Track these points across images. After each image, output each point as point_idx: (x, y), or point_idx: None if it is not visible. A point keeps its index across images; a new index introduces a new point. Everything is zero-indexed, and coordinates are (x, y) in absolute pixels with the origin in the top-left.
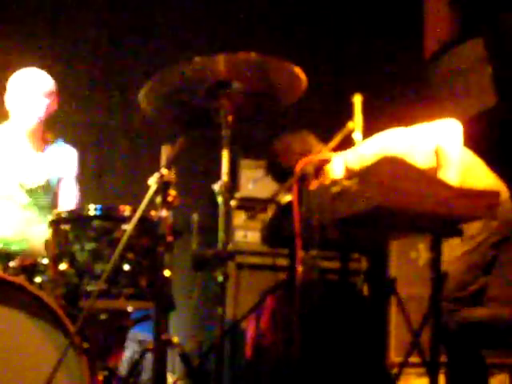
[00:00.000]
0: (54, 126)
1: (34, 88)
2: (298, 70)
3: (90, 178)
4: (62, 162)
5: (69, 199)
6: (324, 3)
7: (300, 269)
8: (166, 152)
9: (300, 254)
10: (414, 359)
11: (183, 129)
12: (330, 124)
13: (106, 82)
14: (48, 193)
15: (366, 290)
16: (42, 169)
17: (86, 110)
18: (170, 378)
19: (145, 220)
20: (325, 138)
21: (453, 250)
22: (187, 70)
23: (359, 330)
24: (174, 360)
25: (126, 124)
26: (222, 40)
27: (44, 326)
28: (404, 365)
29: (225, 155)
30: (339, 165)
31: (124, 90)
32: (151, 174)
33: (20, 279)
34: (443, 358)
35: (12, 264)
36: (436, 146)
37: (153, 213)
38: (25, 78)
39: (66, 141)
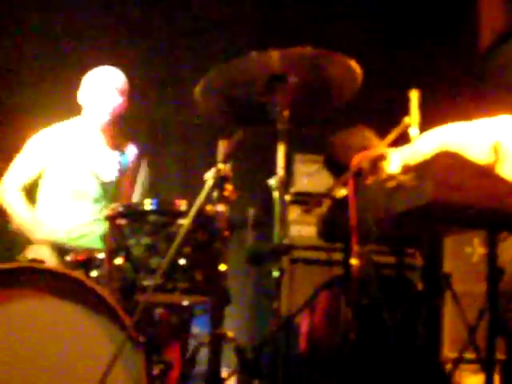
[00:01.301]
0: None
1: (108, 85)
2: (353, 63)
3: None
4: (126, 155)
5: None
6: None
7: (355, 263)
8: (222, 147)
9: (355, 248)
10: (468, 355)
11: (239, 124)
12: (384, 119)
13: (161, 76)
14: (118, 188)
15: (420, 285)
16: (113, 163)
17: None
18: (224, 373)
19: (201, 214)
20: (380, 134)
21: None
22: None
23: (414, 325)
24: (228, 354)
25: (182, 119)
26: (275, 34)
27: (101, 320)
28: (459, 361)
29: (280, 150)
30: (395, 160)
31: (180, 85)
32: (207, 168)
33: (78, 273)
34: (499, 355)
35: (68, 258)
36: (495, 142)
37: (209, 207)
38: (101, 75)
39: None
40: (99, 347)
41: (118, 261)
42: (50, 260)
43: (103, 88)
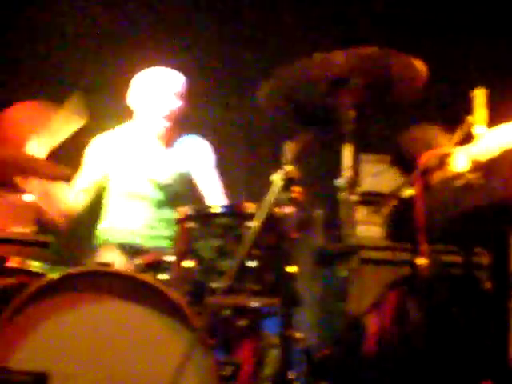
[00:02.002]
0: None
1: (166, 88)
2: (418, 62)
3: None
4: (195, 154)
5: (213, 191)
6: None
7: (423, 263)
8: (289, 148)
9: (423, 248)
10: None
11: (304, 125)
12: (449, 118)
13: (225, 79)
14: (182, 187)
15: (488, 284)
16: (171, 164)
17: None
18: (292, 374)
19: (269, 216)
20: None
21: None
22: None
23: (482, 324)
24: (295, 356)
25: (246, 121)
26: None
27: (170, 322)
28: None
29: (346, 150)
30: (463, 158)
31: (244, 88)
32: (273, 170)
33: (147, 276)
34: None
35: (137, 261)
36: None
37: (277, 209)
38: (157, 77)
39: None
40: (169, 349)
41: (188, 263)
42: (119, 263)
43: (160, 91)
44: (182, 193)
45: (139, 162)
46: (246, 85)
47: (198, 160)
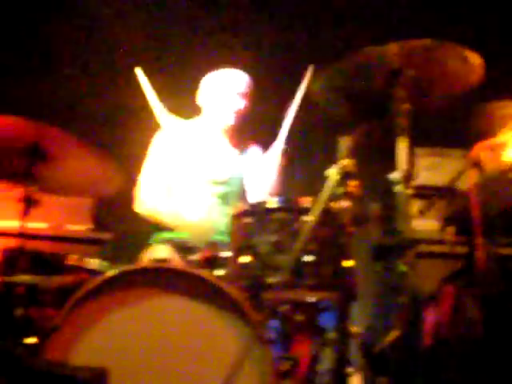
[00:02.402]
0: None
1: (231, 88)
2: (472, 55)
3: None
4: (252, 153)
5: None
6: None
7: (479, 256)
8: (344, 143)
9: (479, 240)
10: None
11: (359, 119)
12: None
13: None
14: (240, 185)
15: None
16: (233, 163)
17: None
18: (349, 369)
19: (326, 211)
20: None
21: None
22: None
23: None
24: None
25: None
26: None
27: (228, 317)
28: None
29: (401, 144)
30: None
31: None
32: (329, 165)
33: (204, 272)
34: None
35: (193, 257)
36: None
37: (333, 203)
38: (223, 79)
39: None
40: (227, 345)
41: (245, 259)
42: (173, 259)
43: (225, 92)
44: (237, 192)
45: (202, 158)
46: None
47: (252, 162)
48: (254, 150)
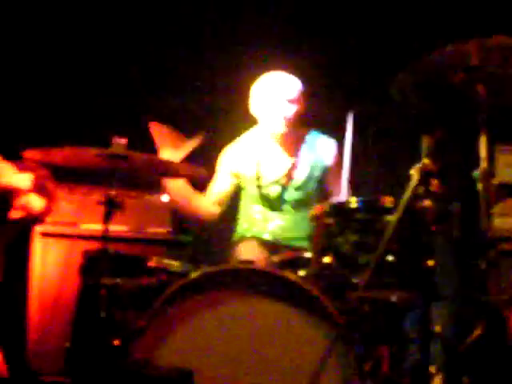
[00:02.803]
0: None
1: (278, 96)
2: None
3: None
4: (321, 152)
5: (338, 189)
6: None
7: None
8: (425, 142)
9: None
10: None
11: (440, 117)
12: None
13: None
14: (312, 187)
15: None
16: (300, 164)
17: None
18: (431, 369)
19: (408, 210)
20: None
21: None
22: None
23: None
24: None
25: (381, 115)
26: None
27: (312, 318)
28: None
29: (482, 141)
30: None
31: (378, 81)
32: (410, 164)
33: (288, 273)
34: None
35: (275, 258)
36: None
37: (415, 203)
38: (269, 85)
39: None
40: (311, 345)
41: (327, 259)
42: (258, 259)
43: (273, 99)
44: (313, 192)
45: (268, 166)
46: (378, 79)
47: (324, 159)
48: (328, 145)
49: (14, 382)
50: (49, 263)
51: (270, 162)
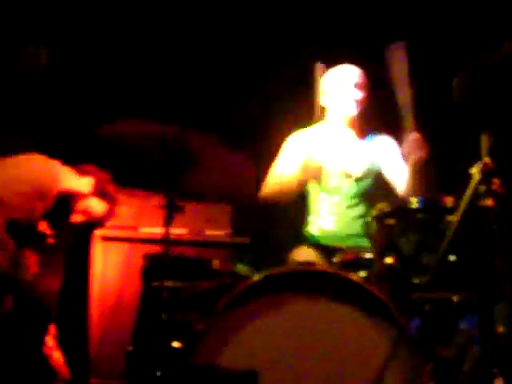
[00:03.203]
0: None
1: (345, 82)
2: None
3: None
4: (382, 151)
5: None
6: None
7: None
8: (486, 140)
9: None
10: None
11: (501, 116)
12: None
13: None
14: (374, 181)
15: None
16: (363, 157)
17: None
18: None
19: (470, 210)
20: None
21: None
22: None
23: None
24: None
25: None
26: None
27: (375, 320)
28: None
29: None
30: None
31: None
32: (471, 163)
33: (351, 274)
34: None
35: (335, 259)
36: None
37: (477, 202)
38: (337, 74)
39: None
40: (374, 346)
41: (388, 260)
42: (317, 261)
43: (343, 84)
44: (373, 188)
45: (333, 156)
46: (440, 75)
47: (386, 155)
48: (387, 142)
49: None
50: (109, 267)
51: (332, 153)
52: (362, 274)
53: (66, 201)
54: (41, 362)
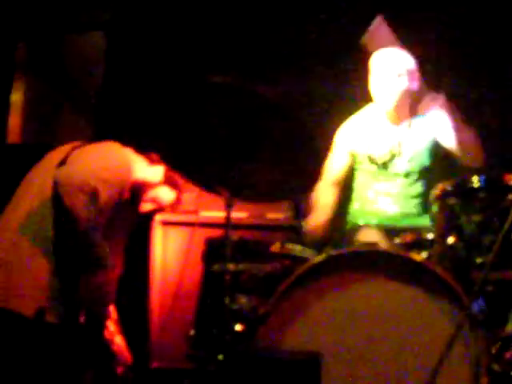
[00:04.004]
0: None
1: (388, 70)
2: None
3: None
4: (435, 125)
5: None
6: None
7: None
8: None
9: None
10: None
11: None
12: None
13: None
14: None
15: None
16: (416, 137)
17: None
18: None
19: None
20: None
21: None
22: None
23: None
24: None
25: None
26: None
27: (439, 300)
28: None
29: None
30: None
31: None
32: None
33: (414, 254)
34: None
35: (397, 240)
36: None
37: None
38: (379, 60)
39: None
40: (438, 327)
41: (450, 240)
42: (380, 242)
43: (382, 73)
44: (429, 166)
45: (381, 139)
46: (498, 61)
47: (438, 131)
48: (438, 114)
49: (137, 369)
50: (170, 251)
51: (382, 135)
52: (424, 254)
53: (136, 191)
54: (102, 346)
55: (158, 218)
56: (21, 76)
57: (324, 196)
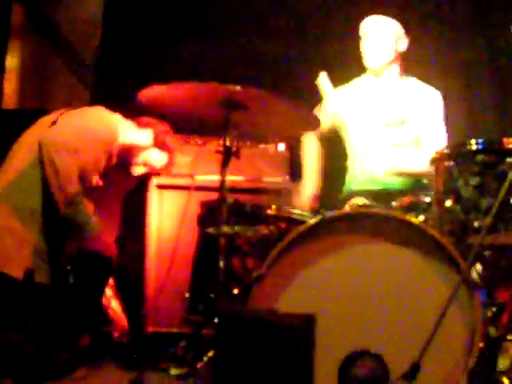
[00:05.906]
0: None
1: (370, 29)
2: None
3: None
4: (423, 102)
5: (434, 142)
6: None
7: None
8: None
9: None
10: None
11: None
12: None
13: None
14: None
15: None
16: (400, 104)
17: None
18: None
19: None
20: None
21: None
22: None
23: None
24: None
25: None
26: None
27: (435, 262)
28: None
29: None
30: None
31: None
32: None
33: (409, 216)
34: None
35: (394, 203)
36: None
37: None
38: (365, 26)
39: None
40: (434, 289)
41: (447, 203)
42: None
43: (365, 36)
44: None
45: (372, 106)
46: (496, 25)
47: (424, 107)
48: (431, 94)
49: (133, 334)
50: (165, 215)
51: (373, 102)
52: (422, 217)
53: (126, 154)
54: (99, 311)
55: (154, 181)
56: (16, 40)
57: (311, 153)
